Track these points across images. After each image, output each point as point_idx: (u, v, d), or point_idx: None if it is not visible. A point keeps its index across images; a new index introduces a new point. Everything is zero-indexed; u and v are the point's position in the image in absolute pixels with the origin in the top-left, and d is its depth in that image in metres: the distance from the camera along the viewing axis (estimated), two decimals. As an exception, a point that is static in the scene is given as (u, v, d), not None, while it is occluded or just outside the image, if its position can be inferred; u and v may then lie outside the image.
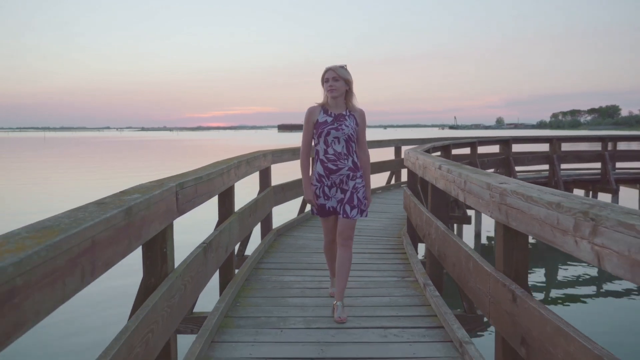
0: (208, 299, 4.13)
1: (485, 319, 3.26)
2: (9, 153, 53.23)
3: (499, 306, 2.36)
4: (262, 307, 3.73)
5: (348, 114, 3.46)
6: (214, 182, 3.24)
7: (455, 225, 9.69)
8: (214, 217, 4.05)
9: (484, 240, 11.73)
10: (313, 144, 3.58)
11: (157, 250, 2.35)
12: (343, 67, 3.43)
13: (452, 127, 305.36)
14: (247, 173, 4.53)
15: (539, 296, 7.96)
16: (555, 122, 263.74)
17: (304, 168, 3.58)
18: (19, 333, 1.13)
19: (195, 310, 3.88)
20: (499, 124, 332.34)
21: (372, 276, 4.55)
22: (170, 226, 2.45)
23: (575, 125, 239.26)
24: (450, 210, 7.42)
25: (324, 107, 3.47)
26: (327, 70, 3.43)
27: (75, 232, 1.38)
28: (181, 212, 2.52)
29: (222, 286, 4.01)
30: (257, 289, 4.16)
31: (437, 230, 3.72)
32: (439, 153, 9.38)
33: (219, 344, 3.07)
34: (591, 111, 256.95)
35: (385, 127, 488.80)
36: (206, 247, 3.07)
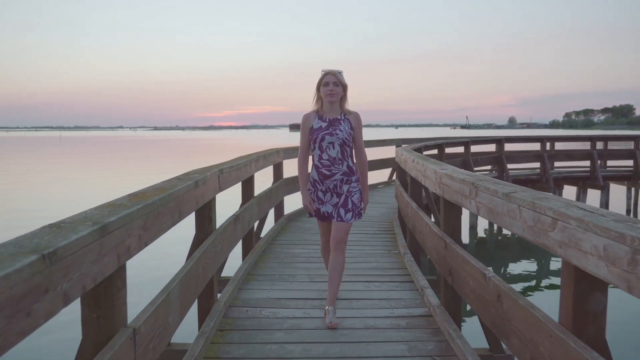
0: (231, 270, 5.23)
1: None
2: (35, 151, 55.04)
3: (437, 251, 3.44)
4: (276, 268, 4.83)
5: (343, 117, 3.45)
6: (240, 170, 4.35)
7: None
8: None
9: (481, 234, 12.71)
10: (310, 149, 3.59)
11: (206, 215, 3.45)
12: (341, 73, 3.43)
13: (463, 127, 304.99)
14: (264, 166, 5.63)
15: (518, 287, 8.94)
16: (568, 121, 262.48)
17: (302, 174, 3.60)
18: (157, 237, 2.23)
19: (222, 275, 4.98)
20: (512, 123, 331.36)
21: (365, 249, 5.62)
22: (214, 198, 3.56)
23: (588, 124, 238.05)
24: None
25: (318, 113, 3.47)
26: (327, 74, 3.38)
27: (176, 189, 2.49)
28: (221, 189, 3.63)
29: (244, 254, 5.12)
30: (271, 257, 5.26)
31: (412, 209, 4.80)
32: (435, 151, 10.44)
33: (244, 290, 4.18)
34: (604, 110, 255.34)
35: (396, 126, 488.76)
36: (236, 218, 4.18)
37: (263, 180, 7.36)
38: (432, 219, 5.25)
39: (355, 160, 3.55)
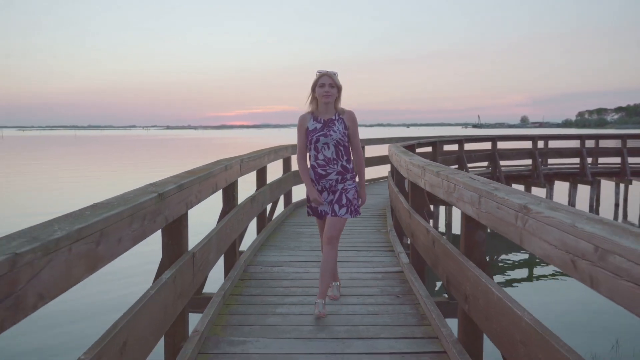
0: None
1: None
2: (58, 150, 56.87)
3: (404, 220, 4.54)
4: (284, 241, 5.96)
5: (337, 117, 3.53)
6: (256, 161, 5.48)
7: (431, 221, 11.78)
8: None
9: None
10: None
11: (231, 193, 4.58)
12: (336, 74, 3.50)
13: (475, 126, 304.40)
14: (274, 159, 6.75)
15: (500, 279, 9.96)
16: (581, 120, 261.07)
17: (303, 171, 3.66)
18: (205, 198, 3.37)
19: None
20: (524, 122, 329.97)
21: (358, 229, 6.72)
22: (237, 181, 4.68)
23: (602, 124, 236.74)
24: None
25: (313, 114, 3.56)
26: (322, 75, 3.45)
27: (214, 169, 3.63)
28: (242, 174, 4.76)
29: (259, 230, 6.25)
30: (280, 234, 6.38)
31: (394, 193, 5.90)
32: (429, 149, 11.52)
33: (259, 255, 5.31)
34: (618, 110, 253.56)
35: (408, 125, 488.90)
36: (252, 199, 5.31)
37: (274, 171, 8.50)
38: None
39: (352, 159, 3.63)
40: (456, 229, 12.48)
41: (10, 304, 1.21)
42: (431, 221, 8.31)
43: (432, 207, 10.94)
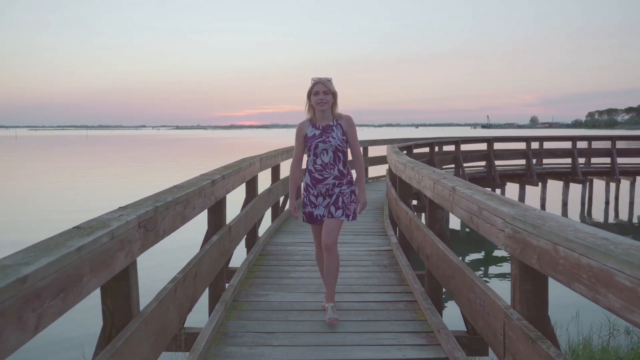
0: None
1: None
2: (81, 149, 58.47)
3: (393, 207, 5.61)
4: (296, 228, 7.03)
5: (335, 123, 3.56)
6: (272, 160, 6.56)
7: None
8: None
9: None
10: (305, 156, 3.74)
11: (253, 185, 5.67)
12: (330, 81, 3.52)
13: (484, 126, 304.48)
14: (287, 158, 7.82)
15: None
16: (591, 121, 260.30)
17: (293, 181, 3.81)
18: (239, 186, 4.46)
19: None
20: (533, 122, 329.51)
21: (358, 218, 7.71)
22: (257, 175, 5.76)
23: (612, 124, 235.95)
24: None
25: (311, 121, 3.60)
26: (316, 83, 3.48)
27: (243, 165, 4.72)
28: (262, 169, 5.84)
29: (273, 218, 7.34)
30: (292, 222, 7.45)
31: (389, 188, 6.96)
32: (427, 149, 12.55)
33: (274, 238, 6.38)
34: (629, 110, 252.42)
35: (417, 125, 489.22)
36: (269, 191, 6.40)
37: (286, 169, 9.60)
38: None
39: (348, 164, 3.65)
40: (454, 224, 13.52)
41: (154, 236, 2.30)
42: (424, 215, 9.44)
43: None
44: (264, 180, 7.30)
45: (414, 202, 9.05)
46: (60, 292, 1.47)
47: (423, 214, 7.44)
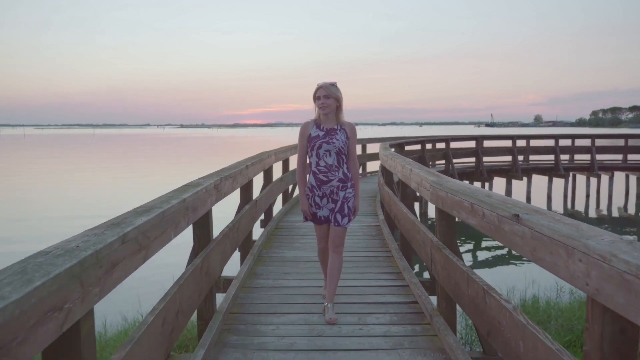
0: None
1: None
2: (96, 148, 60.13)
3: (384, 198, 7.08)
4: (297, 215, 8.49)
5: (339, 128, 3.63)
6: (284, 154, 8.04)
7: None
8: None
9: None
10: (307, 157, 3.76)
11: (269, 174, 7.14)
12: (333, 85, 3.58)
13: (488, 125, 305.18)
14: (295, 153, 9.28)
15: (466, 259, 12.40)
16: (595, 119, 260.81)
17: (301, 180, 3.80)
18: (260, 173, 5.94)
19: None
20: (537, 121, 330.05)
21: (356, 204, 9.26)
22: (272, 166, 7.23)
23: (616, 123, 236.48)
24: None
25: (316, 122, 3.65)
26: (319, 88, 3.56)
27: (264, 156, 6.20)
28: (277, 161, 7.31)
29: (284, 202, 8.82)
30: (295, 212, 8.92)
31: (380, 181, 8.42)
32: (419, 146, 13.99)
33: (283, 221, 7.85)
34: (633, 108, 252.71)
35: (421, 124, 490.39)
36: (281, 179, 7.88)
37: (292, 162, 11.06)
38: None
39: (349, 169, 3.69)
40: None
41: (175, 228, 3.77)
42: (418, 205, 11.02)
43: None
44: (276, 172, 8.76)
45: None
46: (181, 220, 2.88)
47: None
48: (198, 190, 3.16)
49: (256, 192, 6.72)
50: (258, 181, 7.09)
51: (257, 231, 7.03)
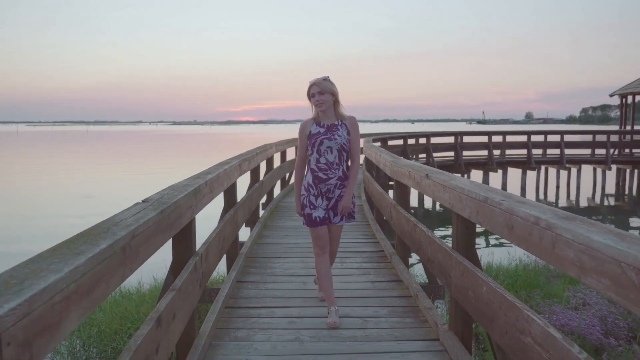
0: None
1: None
2: (95, 145, 61.03)
3: (366, 184, 8.60)
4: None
5: (340, 123, 3.53)
6: (283, 146, 9.53)
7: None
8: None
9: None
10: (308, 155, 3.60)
11: (271, 162, 8.63)
12: (326, 80, 3.46)
13: (479, 122, 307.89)
14: (292, 146, 10.79)
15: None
16: (585, 116, 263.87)
17: (298, 182, 3.69)
18: (261, 162, 7.45)
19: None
20: (528, 118, 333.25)
21: (343, 190, 10.79)
22: (273, 155, 8.73)
23: (605, 120, 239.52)
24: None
25: (315, 120, 3.53)
26: (312, 85, 3.46)
27: (268, 147, 7.70)
28: (277, 151, 8.81)
29: (282, 187, 10.32)
30: (292, 195, 10.43)
31: (364, 174, 9.95)
32: (401, 141, 15.52)
33: (283, 201, 9.35)
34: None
35: (413, 121, 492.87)
36: (280, 167, 9.38)
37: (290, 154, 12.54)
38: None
39: (349, 164, 3.60)
40: (428, 204, 16.45)
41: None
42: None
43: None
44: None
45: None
46: (210, 191, 4.38)
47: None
48: (228, 166, 4.65)
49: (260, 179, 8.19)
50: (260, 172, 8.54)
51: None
